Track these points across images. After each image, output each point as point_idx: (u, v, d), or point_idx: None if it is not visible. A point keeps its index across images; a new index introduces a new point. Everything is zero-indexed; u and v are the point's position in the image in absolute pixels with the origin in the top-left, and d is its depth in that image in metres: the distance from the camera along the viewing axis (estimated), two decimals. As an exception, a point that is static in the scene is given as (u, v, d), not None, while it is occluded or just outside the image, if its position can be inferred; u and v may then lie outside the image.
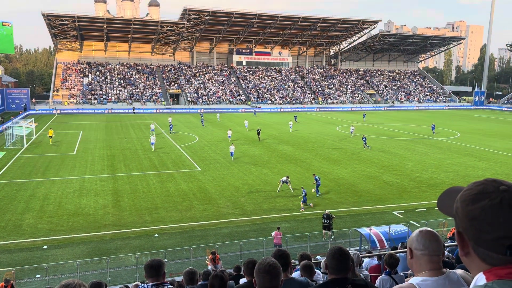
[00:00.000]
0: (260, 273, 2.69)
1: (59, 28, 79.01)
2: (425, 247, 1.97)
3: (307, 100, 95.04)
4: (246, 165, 34.85)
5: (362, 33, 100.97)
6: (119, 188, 27.84)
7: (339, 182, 29.87)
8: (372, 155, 39.53)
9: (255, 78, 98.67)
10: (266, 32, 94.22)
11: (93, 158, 37.26)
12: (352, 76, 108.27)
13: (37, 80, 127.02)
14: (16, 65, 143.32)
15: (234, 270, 9.62)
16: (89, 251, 18.57)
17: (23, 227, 20.88)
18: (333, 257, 3.00)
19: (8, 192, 26.59)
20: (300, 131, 55.85)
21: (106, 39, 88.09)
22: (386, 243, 18.19)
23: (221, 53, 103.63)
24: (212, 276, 3.95)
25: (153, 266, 3.92)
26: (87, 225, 21.36)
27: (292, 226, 21.77)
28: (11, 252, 18.30)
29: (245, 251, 18.20)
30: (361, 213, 23.98)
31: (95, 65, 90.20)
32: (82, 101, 80.00)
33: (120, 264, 17.39)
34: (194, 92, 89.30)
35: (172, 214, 23.15)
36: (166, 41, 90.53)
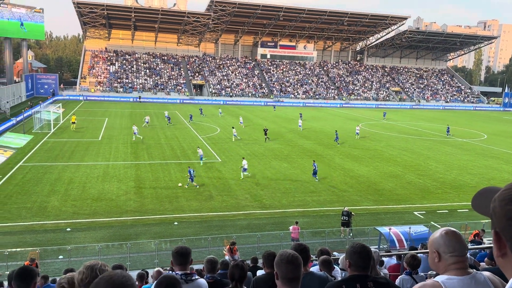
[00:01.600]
0: (283, 264, 2.71)
1: (89, 16, 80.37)
2: (455, 249, 1.94)
3: (331, 95, 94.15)
4: (266, 159, 34.88)
5: (390, 29, 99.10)
6: (141, 176, 28.32)
7: (360, 180, 29.58)
8: (395, 154, 38.95)
9: (278, 71, 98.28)
10: (292, 25, 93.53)
11: (117, 145, 37.95)
12: (378, 72, 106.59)
13: (66, 67, 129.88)
14: (46, 51, 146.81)
15: (251, 262, 9.69)
16: (110, 235, 19.01)
17: (48, 209, 21.50)
18: (355, 253, 2.99)
19: (35, 175, 27.40)
20: (322, 126, 55.43)
21: (133, 28, 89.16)
22: (406, 243, 17.98)
23: (245, 45, 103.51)
24: (233, 265, 3.98)
25: (182, 253, 3.92)
26: (109, 210, 21.85)
27: (310, 221, 21.73)
28: (36, 232, 18.90)
29: (262, 243, 18.29)
30: (381, 212, 23.73)
31: (122, 54, 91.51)
32: (108, 88, 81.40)
33: (140, 250, 17.75)
34: (217, 83, 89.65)
35: (192, 204, 23.42)
36: (192, 32, 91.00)
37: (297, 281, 2.70)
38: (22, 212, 20.93)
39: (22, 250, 16.59)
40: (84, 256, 16.69)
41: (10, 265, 15.19)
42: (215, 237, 18.58)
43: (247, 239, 19.13)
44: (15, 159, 31.58)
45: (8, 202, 22.28)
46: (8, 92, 61.49)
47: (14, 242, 17.70)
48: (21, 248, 16.78)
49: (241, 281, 3.87)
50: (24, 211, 21.07)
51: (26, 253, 15.89)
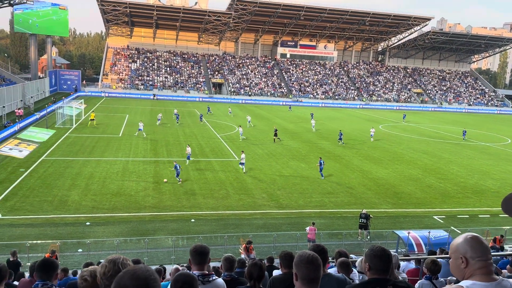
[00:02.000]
0: (303, 264, 2.68)
1: (112, 13, 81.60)
2: (482, 253, 1.89)
3: (351, 96, 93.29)
4: (284, 158, 34.80)
5: (413, 29, 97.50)
6: (160, 172, 28.61)
7: (379, 182, 29.23)
8: (416, 157, 38.36)
9: (298, 71, 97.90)
10: (312, 25, 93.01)
11: (137, 141, 38.44)
12: (399, 73, 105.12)
13: (88, 63, 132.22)
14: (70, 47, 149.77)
15: (267, 261, 9.68)
16: (128, 230, 19.27)
17: (69, 203, 21.93)
18: (376, 256, 2.94)
19: (57, 169, 27.97)
20: (340, 127, 54.99)
21: (155, 27, 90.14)
22: (425, 247, 17.70)
23: (265, 44, 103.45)
24: (252, 264, 3.97)
25: (201, 252, 3.85)
26: (128, 205, 22.14)
27: (327, 222, 21.58)
28: (56, 225, 19.30)
29: (278, 243, 18.25)
30: (400, 215, 23.39)
31: (143, 52, 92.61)
32: (130, 85, 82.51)
33: (157, 245, 17.93)
34: (236, 82, 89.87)
35: (209, 201, 23.54)
36: (212, 30, 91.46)
37: (317, 282, 2.67)
38: (44, 205, 21.40)
39: (42, 242, 16.97)
40: (102, 250, 16.97)
41: (31, 256, 15.55)
42: (231, 236, 18.63)
43: (263, 238, 19.12)
44: (38, 153, 32.32)
45: (31, 195, 22.81)
46: (33, 87, 62.94)
47: (35, 234, 18.12)
48: (41, 241, 17.17)
49: (260, 280, 3.86)
50: (46, 204, 21.53)
51: (47, 245, 16.24)
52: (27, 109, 52.78)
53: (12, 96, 52.51)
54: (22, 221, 19.48)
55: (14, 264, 12.42)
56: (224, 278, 4.26)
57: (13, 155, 31.25)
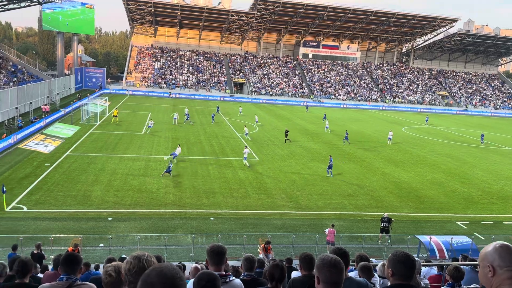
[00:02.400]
0: (325, 267, 2.65)
1: (136, 12, 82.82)
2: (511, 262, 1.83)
3: (373, 97, 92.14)
4: (304, 159, 34.64)
5: (439, 31, 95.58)
6: (180, 170, 28.89)
7: (401, 186, 28.78)
8: (439, 161, 37.60)
9: (320, 71, 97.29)
10: (335, 25, 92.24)
11: (159, 139, 38.91)
12: (424, 75, 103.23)
13: (113, 61, 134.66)
14: (95, 46, 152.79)
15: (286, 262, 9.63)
16: (149, 226, 19.53)
17: (91, 198, 22.37)
18: (399, 262, 2.89)
19: (81, 164, 28.58)
20: (362, 129, 54.39)
21: (178, 26, 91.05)
22: (447, 253, 17.36)
23: (287, 44, 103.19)
24: (273, 265, 3.96)
25: (218, 252, 3.83)
26: (149, 202, 22.44)
27: (346, 225, 21.38)
28: (79, 220, 19.71)
29: (297, 244, 18.18)
30: (422, 220, 22.98)
31: (167, 51, 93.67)
32: (153, 84, 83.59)
33: (177, 242, 18.12)
34: (257, 82, 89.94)
35: (228, 200, 23.63)
36: (235, 30, 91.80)
37: (339, 285, 2.64)
38: (67, 200, 21.89)
39: (65, 236, 17.36)
40: (123, 246, 17.25)
41: (55, 249, 15.92)
42: (250, 235, 18.66)
43: (281, 239, 19.08)
44: (62, 148, 33.08)
45: (55, 189, 23.37)
46: (59, 84, 64.48)
47: (58, 228, 18.55)
48: (64, 234, 17.57)
49: (281, 281, 3.84)
50: (69, 199, 22.02)
51: (70, 239, 16.61)
52: (53, 106, 54.10)
53: (39, 92, 53.92)
54: (46, 214, 19.97)
55: (38, 257, 12.75)
56: (244, 278, 4.26)
57: (39, 150, 32.09)
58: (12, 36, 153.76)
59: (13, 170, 26.36)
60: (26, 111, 46.65)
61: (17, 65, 58.59)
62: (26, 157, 29.73)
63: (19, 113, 43.76)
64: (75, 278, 3.73)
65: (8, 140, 32.38)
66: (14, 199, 21.37)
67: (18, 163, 28.05)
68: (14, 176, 25.11)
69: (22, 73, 56.59)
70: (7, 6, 57.57)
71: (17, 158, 29.45)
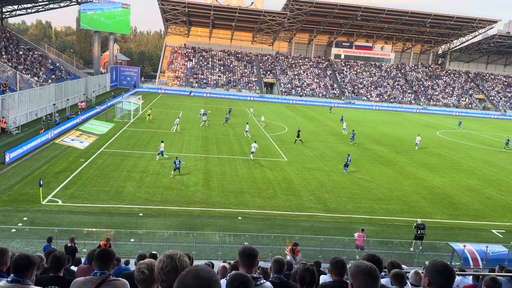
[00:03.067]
0: (361, 275, 2.59)
1: (171, 13, 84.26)
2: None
3: (407, 100, 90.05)
4: (333, 161, 34.25)
5: (477, 32, 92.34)
6: (209, 169, 29.16)
7: (434, 191, 27.99)
8: (475, 166, 36.35)
9: (352, 72, 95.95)
10: (369, 25, 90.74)
11: (189, 138, 39.42)
12: (460, 78, 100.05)
13: (147, 61, 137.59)
14: (130, 45, 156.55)
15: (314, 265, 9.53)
16: (178, 223, 19.80)
17: (124, 194, 22.90)
18: (437, 271, 2.79)
19: (114, 161, 29.32)
20: (394, 132, 53.29)
21: (211, 26, 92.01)
22: (481, 262, 16.76)
23: (319, 45, 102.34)
24: (304, 269, 3.91)
25: (250, 255, 3.79)
26: (179, 200, 22.76)
27: (376, 230, 20.97)
28: (111, 215, 20.21)
29: (325, 247, 17.98)
30: (455, 227, 22.26)
31: (199, 51, 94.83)
32: (185, 83, 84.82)
33: (205, 240, 18.29)
34: (288, 82, 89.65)
35: (256, 200, 23.65)
36: (267, 30, 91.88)
37: (373, 294, 2.57)
38: (101, 195, 22.50)
39: (98, 230, 17.85)
40: (153, 241, 17.56)
41: (87, 243, 16.40)
42: (277, 236, 18.61)
43: (309, 241, 18.92)
44: (97, 144, 34.04)
45: (89, 184, 24.07)
46: (95, 82, 66.43)
47: (91, 222, 19.08)
48: (97, 228, 18.06)
49: (311, 285, 3.79)
50: (102, 194, 22.63)
51: (102, 233, 17.07)
52: (89, 103, 55.78)
53: (76, 89, 55.72)
54: (80, 208, 20.59)
55: (71, 250, 13.14)
56: (273, 280, 4.23)
57: (74, 146, 33.15)
58: (52, 35, 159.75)
59: (50, 165, 27.34)
60: (63, 107, 48.31)
61: (56, 63, 60.77)
62: (62, 152, 30.77)
63: (57, 109, 45.36)
64: (108, 273, 3.80)
65: (46, 135, 33.61)
66: (50, 192, 22.15)
67: (54, 158, 29.07)
68: (51, 171, 26.03)
69: (60, 70, 58.64)
70: (47, 6, 59.84)
71: (54, 153, 30.53)
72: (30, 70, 49.64)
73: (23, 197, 21.27)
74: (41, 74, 50.93)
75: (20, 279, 3.61)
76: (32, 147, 30.57)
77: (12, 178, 24.06)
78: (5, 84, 39.95)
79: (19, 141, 31.74)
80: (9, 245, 15.99)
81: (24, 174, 25.04)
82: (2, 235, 16.87)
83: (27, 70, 48.56)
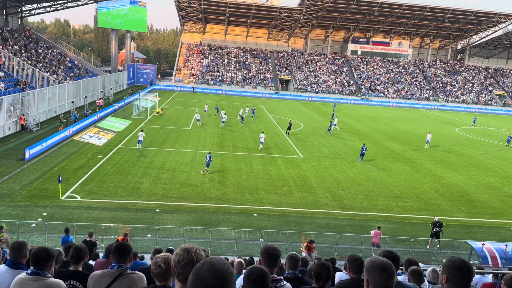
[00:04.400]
0: (376, 270, 2.57)
1: (187, 10, 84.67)
2: None
3: (425, 96, 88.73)
4: (349, 158, 33.99)
5: (498, 27, 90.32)
6: (225, 165, 29.27)
7: (452, 189, 27.55)
8: (494, 164, 35.64)
9: (368, 68, 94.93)
10: (387, 21, 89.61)
11: (205, 134, 39.61)
12: (480, 74, 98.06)
13: (163, 58, 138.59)
14: (147, 43, 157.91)
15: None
16: (194, 219, 19.94)
17: (141, 190, 23.16)
18: (454, 268, 2.75)
19: (131, 157, 29.67)
20: (412, 129, 52.58)
21: (227, 23, 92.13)
22: (500, 261, 16.44)
23: (335, 41, 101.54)
24: (320, 264, 3.89)
25: (273, 255, 3.67)
26: (195, 196, 22.92)
27: (393, 227, 20.75)
28: (129, 210, 20.47)
29: (340, 244, 17.89)
30: (474, 225, 21.88)
31: (214, 48, 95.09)
32: (200, 80, 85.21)
33: (220, 236, 18.38)
34: (303, 79, 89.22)
35: (271, 197, 23.65)
36: (282, 27, 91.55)
37: (389, 290, 2.54)
38: (118, 191, 22.80)
39: (115, 225, 18.11)
40: (170, 237, 17.73)
41: (105, 238, 16.66)
42: (292, 233, 18.58)
43: (325, 238, 18.85)
44: (114, 141, 34.50)
45: (107, 180, 24.41)
46: (112, 80, 67.26)
47: (109, 217, 19.36)
48: (115, 224, 18.32)
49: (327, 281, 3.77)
50: (120, 190, 22.93)
51: (119, 228, 17.31)
52: (107, 100, 56.51)
53: (94, 87, 56.53)
54: (98, 204, 20.91)
55: (90, 244, 13.36)
56: (288, 276, 4.23)
57: (92, 142, 33.66)
58: (70, 33, 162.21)
59: (69, 161, 27.82)
60: (81, 104, 49.05)
61: (74, 60, 61.71)
62: (81, 149, 31.27)
63: (75, 106, 46.10)
64: (126, 267, 3.86)
65: (65, 132, 34.21)
66: (69, 188, 22.55)
67: (73, 154, 29.57)
68: (69, 167, 26.49)
69: (78, 68, 59.54)
70: (65, 4, 60.74)
71: (73, 149, 31.05)
72: (49, 68, 50.52)
73: (42, 193, 21.71)
74: (60, 72, 51.79)
75: (39, 271, 3.69)
76: (51, 144, 31.15)
77: (32, 174, 24.57)
78: (25, 82, 40.76)
79: (38, 137, 32.38)
80: (29, 239, 16.36)
81: (44, 170, 25.55)
82: (23, 229, 17.26)
83: (46, 68, 49.44)
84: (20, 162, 26.64)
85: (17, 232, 16.38)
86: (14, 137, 33.43)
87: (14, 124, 34.94)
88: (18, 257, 4.08)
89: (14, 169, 25.20)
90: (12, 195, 21.19)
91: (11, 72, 42.03)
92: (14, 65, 42.31)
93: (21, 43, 51.35)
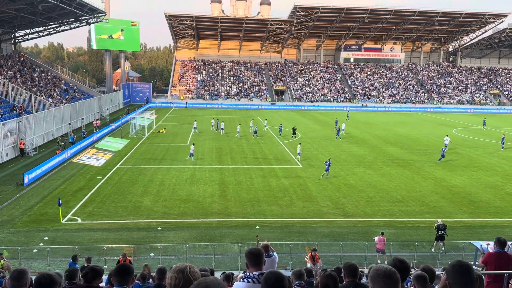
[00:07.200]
0: (380, 278, 2.55)
1: (179, 27, 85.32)
2: None
3: (420, 99, 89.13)
4: (349, 165, 33.98)
5: (487, 27, 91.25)
6: (225, 179, 29.20)
7: (453, 190, 27.52)
8: (494, 163, 35.67)
9: (362, 75, 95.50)
10: (377, 27, 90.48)
11: (203, 149, 39.59)
12: (473, 74, 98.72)
13: (158, 76, 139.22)
14: (141, 61, 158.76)
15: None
16: (197, 235, 19.81)
17: (142, 209, 23.05)
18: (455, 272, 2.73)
19: (130, 176, 29.59)
20: (409, 132, 52.70)
21: (219, 38, 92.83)
22: (507, 261, 16.28)
23: (328, 49, 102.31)
24: (327, 275, 3.88)
25: (258, 254, 3.77)
26: (196, 212, 22.81)
27: (397, 232, 20.65)
28: (131, 230, 20.34)
29: (345, 252, 17.76)
30: (477, 226, 21.80)
31: (208, 63, 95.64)
32: (196, 96, 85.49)
33: (224, 251, 18.24)
34: (298, 89, 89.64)
35: (273, 208, 23.56)
36: (274, 39, 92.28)
37: (394, 297, 2.53)
38: (119, 211, 22.69)
39: (118, 246, 17.94)
40: (173, 255, 17.58)
41: (108, 259, 16.51)
42: (296, 243, 18.46)
43: (329, 247, 18.72)
44: (113, 161, 34.44)
45: (107, 201, 24.31)
46: (108, 100, 67.43)
47: (111, 238, 19.22)
48: (117, 245, 18.16)
49: None
50: (121, 210, 22.81)
51: (122, 249, 17.14)
52: (103, 120, 56.57)
53: (90, 108, 56.62)
54: (99, 225, 20.77)
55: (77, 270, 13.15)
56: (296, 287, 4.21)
57: (91, 164, 33.59)
58: (64, 56, 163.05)
59: (68, 184, 27.72)
60: (78, 126, 49.07)
61: (69, 83, 61.90)
62: (80, 171, 31.19)
63: (72, 128, 46.11)
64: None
65: (63, 155, 34.15)
66: (69, 211, 22.42)
67: (72, 177, 29.48)
68: (69, 189, 26.39)
69: (74, 90, 59.70)
70: (58, 28, 61.16)
71: (71, 172, 30.97)
72: (45, 91, 50.64)
73: (43, 217, 21.58)
74: (55, 95, 51.90)
75: (43, 298, 3.64)
76: (50, 167, 31.07)
77: (31, 199, 24.46)
78: (21, 107, 40.82)
79: (37, 162, 32.31)
80: (31, 265, 16.22)
81: (43, 194, 25.44)
82: (25, 255, 17.10)
83: (42, 92, 49.56)
84: (19, 187, 26.55)
85: (19, 258, 16.23)
86: (12, 162, 33.35)
87: (12, 149, 34.89)
88: (18, 286, 4.04)
89: (14, 195, 25.09)
90: (13, 221, 21.06)
91: (6, 98, 42.12)
92: (9, 91, 42.42)
93: (15, 68, 51.55)
